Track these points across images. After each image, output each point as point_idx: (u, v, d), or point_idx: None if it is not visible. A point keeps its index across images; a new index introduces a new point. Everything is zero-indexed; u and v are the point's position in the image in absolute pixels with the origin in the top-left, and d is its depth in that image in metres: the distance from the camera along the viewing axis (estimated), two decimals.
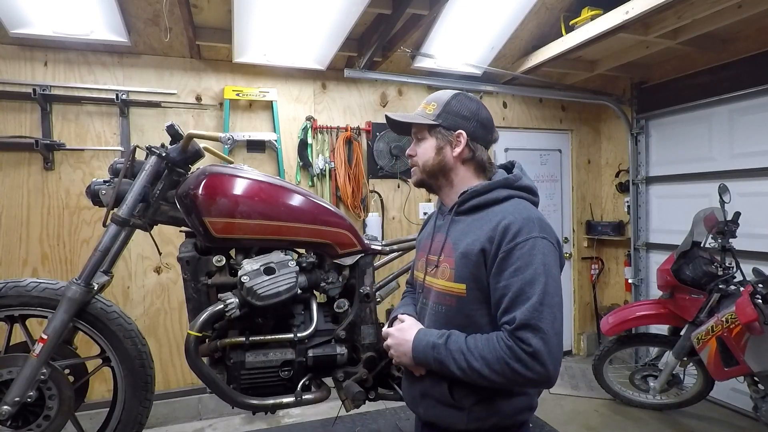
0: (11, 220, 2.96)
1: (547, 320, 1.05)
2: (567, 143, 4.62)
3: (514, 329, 1.06)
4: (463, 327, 1.17)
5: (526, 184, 1.26)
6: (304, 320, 1.89)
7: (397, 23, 2.98)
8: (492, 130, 1.33)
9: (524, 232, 1.11)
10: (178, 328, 3.28)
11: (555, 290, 1.09)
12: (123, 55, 3.14)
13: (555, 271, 1.11)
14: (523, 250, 1.09)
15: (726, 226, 2.84)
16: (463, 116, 1.29)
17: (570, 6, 3.50)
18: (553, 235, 1.16)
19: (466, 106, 1.30)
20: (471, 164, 1.29)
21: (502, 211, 1.17)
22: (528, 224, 1.12)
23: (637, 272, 4.20)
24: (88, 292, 1.70)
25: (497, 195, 1.22)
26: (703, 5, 2.74)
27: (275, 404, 1.79)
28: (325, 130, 3.62)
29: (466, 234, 1.20)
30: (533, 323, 1.04)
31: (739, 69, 3.35)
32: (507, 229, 1.12)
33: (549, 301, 1.06)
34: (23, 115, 2.96)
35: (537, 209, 1.22)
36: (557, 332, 1.06)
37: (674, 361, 2.96)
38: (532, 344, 1.03)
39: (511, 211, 1.16)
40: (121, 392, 1.81)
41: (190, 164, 1.89)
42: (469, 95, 1.36)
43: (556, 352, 1.05)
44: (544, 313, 1.05)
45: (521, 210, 1.17)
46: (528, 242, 1.10)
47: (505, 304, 1.09)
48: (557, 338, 1.06)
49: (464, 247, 1.18)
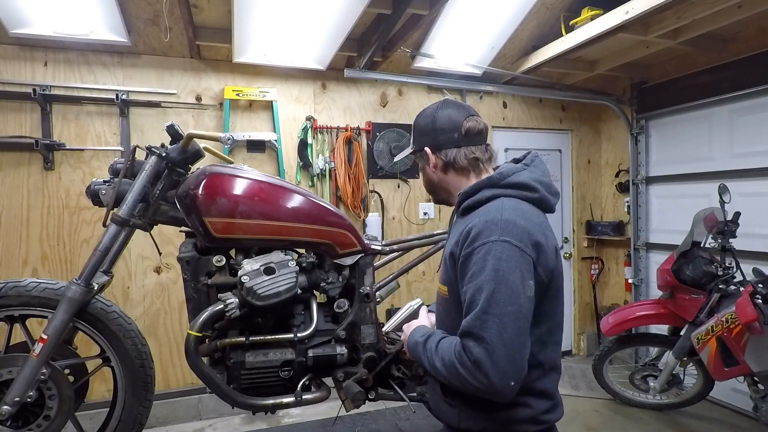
0: (11, 220, 2.96)
1: (491, 330, 1.00)
2: (567, 143, 4.62)
3: (460, 335, 1.07)
4: (454, 328, 1.15)
5: (516, 181, 1.18)
6: (304, 320, 1.89)
7: (397, 23, 2.98)
8: (454, 128, 1.26)
9: (483, 235, 1.08)
10: (178, 328, 3.28)
11: (507, 298, 1.02)
12: (123, 55, 3.14)
13: (512, 276, 1.03)
14: (479, 255, 1.06)
15: (726, 226, 2.84)
16: (424, 132, 1.31)
17: (570, 6, 3.50)
18: (522, 237, 1.07)
19: (423, 121, 1.32)
20: (452, 170, 1.29)
21: (478, 214, 1.15)
22: (489, 227, 1.08)
23: (637, 272, 4.20)
24: (88, 292, 1.70)
25: (482, 196, 1.19)
26: (703, 5, 2.74)
27: (275, 404, 1.79)
28: (325, 130, 3.62)
29: (452, 236, 1.23)
30: (475, 332, 1.02)
31: (739, 69, 3.35)
32: (469, 233, 1.11)
33: (496, 311, 1.01)
34: (23, 115, 2.96)
35: (522, 208, 1.14)
36: (507, 343, 1.00)
37: (674, 361, 2.96)
38: (474, 353, 1.01)
39: (483, 214, 1.13)
40: (121, 392, 1.81)
41: (190, 164, 1.89)
42: (431, 106, 1.34)
43: (504, 363, 0.99)
44: (488, 322, 1.01)
45: (492, 211, 1.12)
46: (484, 247, 1.06)
47: (464, 309, 1.09)
48: (507, 349, 1.00)
49: (447, 250, 1.22)
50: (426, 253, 2.22)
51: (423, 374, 1.99)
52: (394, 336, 2.13)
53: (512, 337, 1.01)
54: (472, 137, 1.26)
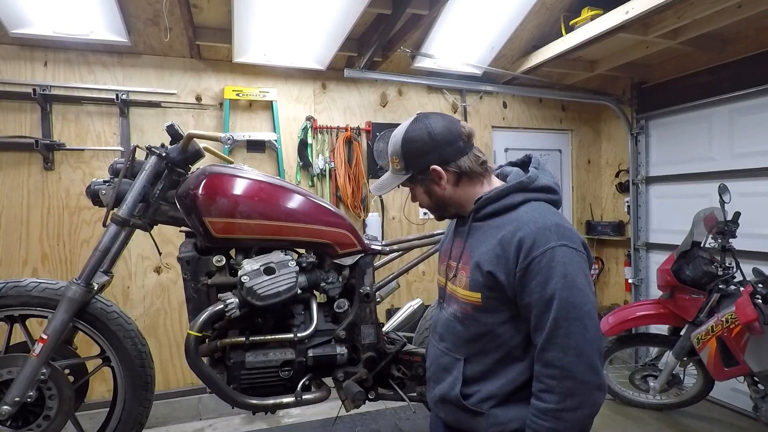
0: (11, 220, 2.96)
1: (575, 334, 1.03)
2: (567, 143, 4.62)
3: (540, 350, 1.06)
4: (480, 335, 1.17)
5: (543, 184, 1.20)
6: (304, 320, 1.89)
7: (397, 23, 2.97)
8: (456, 137, 1.21)
9: (540, 243, 1.06)
10: (178, 328, 3.28)
11: (581, 299, 1.04)
12: (123, 55, 3.14)
13: (579, 279, 1.05)
14: (542, 264, 1.05)
15: (726, 226, 2.83)
16: (422, 152, 1.20)
17: (570, 6, 3.50)
18: (575, 239, 1.10)
19: (419, 140, 1.20)
20: (465, 179, 1.23)
21: (518, 219, 1.13)
22: (544, 234, 1.07)
23: (637, 272, 4.20)
24: (88, 292, 1.70)
25: (512, 200, 1.17)
26: (703, 5, 2.73)
27: (275, 404, 1.80)
28: (325, 130, 3.62)
29: (482, 242, 1.18)
30: (559, 341, 1.03)
31: (739, 69, 3.34)
32: (521, 244, 1.08)
33: (574, 314, 1.03)
34: (23, 115, 2.96)
35: (556, 210, 1.18)
36: (590, 339, 1.03)
37: (674, 361, 2.96)
38: (563, 363, 1.02)
39: (526, 221, 1.11)
40: (121, 392, 1.81)
41: (190, 164, 1.89)
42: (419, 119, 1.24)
43: (595, 358, 1.03)
44: (570, 327, 1.03)
45: (536, 218, 1.11)
46: (546, 254, 1.05)
47: (533, 322, 1.08)
48: (593, 345, 1.03)
49: (478, 256, 1.17)
50: (426, 253, 2.22)
51: (423, 374, 1.99)
52: (394, 336, 2.13)
53: (594, 334, 1.04)
54: (471, 141, 1.24)
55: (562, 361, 1.02)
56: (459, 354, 1.22)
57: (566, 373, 1.02)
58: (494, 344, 1.16)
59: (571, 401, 1.02)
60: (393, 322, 2.30)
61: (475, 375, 1.20)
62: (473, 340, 1.19)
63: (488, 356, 1.18)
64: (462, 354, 1.22)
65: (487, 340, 1.17)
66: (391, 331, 2.20)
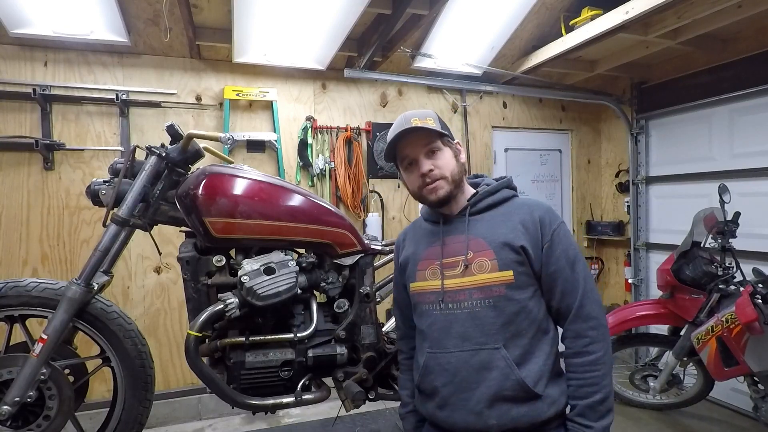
0: (11, 220, 2.96)
1: (592, 289, 1.27)
2: (567, 143, 4.62)
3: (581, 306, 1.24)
4: (514, 314, 1.23)
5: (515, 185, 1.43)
6: (304, 320, 1.89)
7: (397, 23, 2.97)
8: None
9: (555, 219, 1.29)
10: (178, 328, 3.28)
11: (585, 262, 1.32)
12: (123, 55, 3.14)
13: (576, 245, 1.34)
14: (560, 235, 1.27)
15: (726, 226, 2.83)
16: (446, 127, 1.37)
17: (570, 6, 3.50)
18: None
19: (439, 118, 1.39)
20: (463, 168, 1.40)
21: (525, 204, 1.33)
22: (550, 212, 1.30)
23: (637, 272, 4.20)
24: (88, 292, 1.70)
25: (505, 194, 1.36)
26: (703, 5, 2.73)
27: (275, 404, 1.79)
28: (325, 130, 3.62)
29: (497, 226, 1.29)
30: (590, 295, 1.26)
31: (739, 69, 3.34)
32: (542, 221, 1.27)
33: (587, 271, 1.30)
34: (23, 115, 2.96)
35: None
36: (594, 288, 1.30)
37: (674, 361, 2.96)
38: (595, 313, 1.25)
39: (534, 205, 1.31)
40: (121, 392, 1.81)
41: (190, 164, 1.89)
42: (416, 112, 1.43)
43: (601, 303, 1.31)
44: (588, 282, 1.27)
45: (539, 203, 1.33)
46: (561, 227, 1.28)
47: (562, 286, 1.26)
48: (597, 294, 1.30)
49: (503, 237, 1.26)
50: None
51: None
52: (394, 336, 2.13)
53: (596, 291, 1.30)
54: None
55: (595, 311, 1.24)
56: (496, 343, 1.22)
57: (600, 321, 1.23)
58: (527, 321, 1.24)
59: (605, 344, 1.23)
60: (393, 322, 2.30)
61: (517, 359, 1.21)
62: (508, 322, 1.23)
63: (523, 337, 1.23)
64: (499, 342, 1.22)
65: (521, 318, 1.23)
66: (391, 331, 2.20)
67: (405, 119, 1.31)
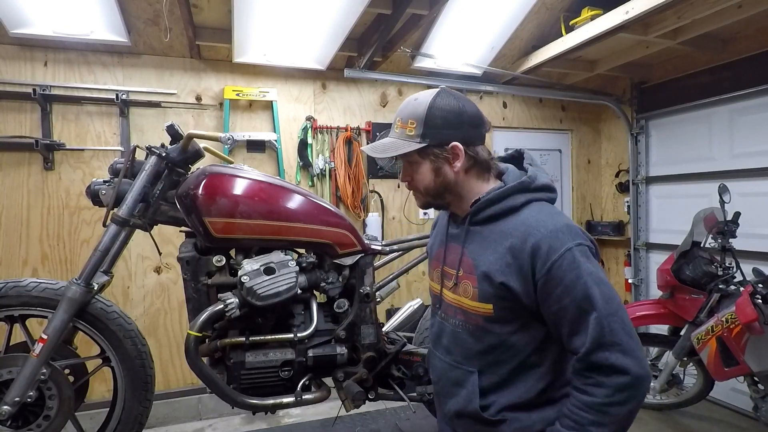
0: (11, 220, 2.95)
1: (617, 330, 0.99)
2: (567, 143, 4.62)
3: (588, 353, 0.99)
4: (493, 346, 1.11)
5: (543, 183, 1.14)
6: (304, 320, 1.89)
7: (397, 23, 2.97)
8: (483, 122, 1.17)
9: (557, 246, 1.02)
10: (178, 328, 3.28)
11: (610, 292, 1.02)
12: (123, 55, 3.14)
13: (601, 273, 1.04)
14: (563, 268, 1.01)
15: (726, 226, 2.83)
16: (451, 125, 1.12)
17: (570, 6, 3.50)
18: (586, 236, 1.07)
19: (449, 111, 1.13)
20: (475, 169, 1.16)
21: (524, 223, 1.07)
22: (557, 236, 1.03)
23: (637, 272, 4.20)
24: (88, 292, 1.70)
25: (514, 202, 1.11)
26: (703, 5, 2.73)
27: (275, 404, 1.80)
28: (325, 130, 3.62)
29: (485, 249, 1.11)
30: (606, 341, 0.98)
31: (739, 69, 3.34)
32: (536, 251, 1.03)
33: (611, 309, 1.00)
34: (23, 115, 2.96)
35: (560, 210, 1.13)
36: (630, 331, 1.00)
37: (674, 361, 2.96)
38: (611, 361, 0.98)
39: (534, 225, 1.06)
40: (121, 392, 1.81)
41: (190, 164, 1.89)
42: (447, 92, 1.18)
43: (638, 351, 1.00)
44: (613, 324, 0.99)
45: (544, 221, 1.06)
46: (565, 257, 1.01)
47: (568, 328, 1.03)
48: (633, 338, 1.00)
49: (485, 266, 1.09)
50: (426, 253, 2.22)
51: (423, 374, 1.99)
52: (394, 336, 2.13)
53: (630, 324, 1.01)
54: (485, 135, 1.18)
55: (609, 360, 0.98)
56: (471, 366, 1.15)
57: (616, 369, 0.98)
58: (508, 354, 1.11)
59: (620, 396, 0.98)
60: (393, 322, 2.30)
61: (491, 386, 1.13)
62: (486, 351, 1.13)
63: (503, 366, 1.12)
64: (474, 366, 1.14)
65: (500, 350, 1.11)
66: (391, 331, 2.20)
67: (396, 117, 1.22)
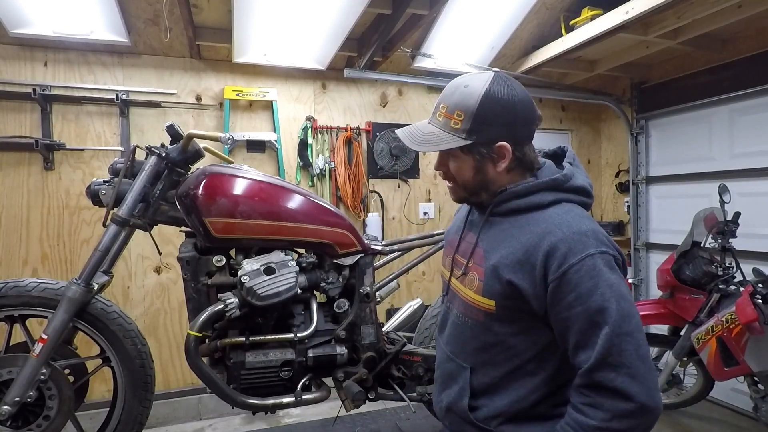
0: (11, 220, 2.95)
1: (628, 351, 0.89)
2: (567, 143, 4.60)
3: (590, 370, 0.91)
4: (489, 345, 1.06)
5: (578, 185, 1.05)
6: (304, 320, 1.89)
7: (397, 23, 2.97)
8: (534, 117, 1.06)
9: (577, 250, 0.93)
10: (178, 328, 3.28)
11: (629, 310, 0.92)
12: (123, 55, 3.14)
13: (623, 288, 0.93)
14: (580, 273, 0.91)
15: (726, 226, 2.83)
16: (501, 122, 1.00)
17: (570, 6, 3.49)
18: (613, 246, 0.98)
19: (502, 106, 1.00)
20: (517, 170, 1.07)
21: (546, 221, 0.99)
22: (580, 240, 0.94)
23: (637, 272, 4.20)
24: (88, 292, 1.70)
25: (541, 199, 1.02)
26: (703, 5, 2.73)
27: (275, 404, 1.80)
28: (325, 130, 3.62)
29: (500, 243, 1.04)
30: (611, 360, 0.89)
31: (739, 69, 3.34)
32: (553, 251, 0.94)
33: (626, 328, 0.90)
34: (23, 115, 2.96)
35: (591, 216, 1.04)
36: (643, 356, 0.90)
37: (674, 361, 2.96)
38: (615, 384, 0.88)
39: (557, 224, 0.97)
40: (121, 392, 1.81)
41: (190, 164, 1.90)
42: (502, 79, 1.03)
43: (650, 379, 0.89)
44: (624, 344, 0.89)
45: (569, 221, 0.97)
46: (585, 262, 0.92)
47: (575, 338, 0.94)
48: (646, 363, 0.90)
49: (495, 259, 1.02)
50: (426, 253, 2.23)
51: (423, 374, 1.99)
52: (394, 336, 2.13)
53: (645, 348, 0.92)
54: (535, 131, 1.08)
55: (614, 382, 0.89)
56: (465, 362, 1.11)
57: (620, 393, 0.88)
58: (504, 356, 1.05)
59: (618, 423, 0.89)
60: (393, 322, 2.31)
61: (482, 387, 1.08)
62: (481, 349, 1.07)
63: (496, 368, 1.06)
64: (468, 363, 1.10)
65: (497, 350, 1.05)
66: (391, 331, 2.20)
67: (439, 102, 1.06)
